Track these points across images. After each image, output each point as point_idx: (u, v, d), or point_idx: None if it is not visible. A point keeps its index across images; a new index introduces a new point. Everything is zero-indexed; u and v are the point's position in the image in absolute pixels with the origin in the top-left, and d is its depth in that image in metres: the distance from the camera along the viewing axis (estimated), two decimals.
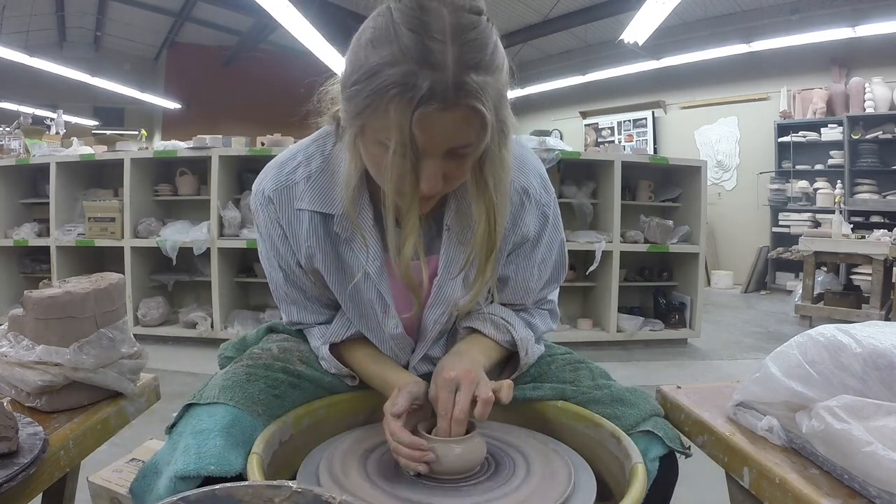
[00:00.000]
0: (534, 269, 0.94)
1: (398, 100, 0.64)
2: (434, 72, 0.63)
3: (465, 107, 0.65)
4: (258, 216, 0.89)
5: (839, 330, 0.75)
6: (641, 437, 0.83)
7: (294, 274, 0.91)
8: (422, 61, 0.63)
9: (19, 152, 3.94)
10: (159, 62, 10.14)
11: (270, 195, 0.86)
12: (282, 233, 0.87)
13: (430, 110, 0.64)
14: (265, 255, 0.93)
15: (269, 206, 0.86)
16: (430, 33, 0.63)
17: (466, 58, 0.64)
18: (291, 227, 0.86)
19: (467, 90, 0.64)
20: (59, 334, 0.87)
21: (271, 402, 0.84)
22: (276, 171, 0.87)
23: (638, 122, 7.96)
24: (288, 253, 0.89)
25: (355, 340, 0.95)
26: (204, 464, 0.73)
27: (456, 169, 0.72)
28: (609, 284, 3.62)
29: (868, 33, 5.21)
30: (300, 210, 0.85)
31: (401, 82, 0.63)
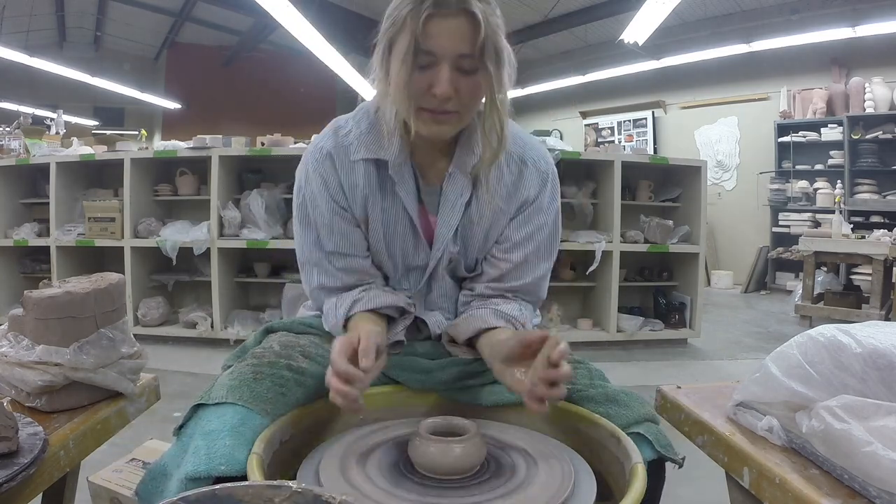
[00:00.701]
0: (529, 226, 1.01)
1: (411, 13, 0.82)
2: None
3: (465, 13, 0.81)
4: (307, 174, 0.99)
5: (839, 330, 0.75)
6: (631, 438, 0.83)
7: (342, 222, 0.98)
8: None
9: (19, 152, 3.94)
10: (159, 62, 10.15)
11: (331, 150, 0.97)
12: (338, 184, 0.97)
13: (435, 13, 0.81)
14: (304, 212, 1.00)
15: (328, 160, 0.97)
16: None
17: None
18: (349, 179, 0.97)
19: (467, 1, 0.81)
20: (59, 334, 0.87)
21: (278, 399, 0.84)
22: (333, 133, 0.99)
23: (638, 122, 7.96)
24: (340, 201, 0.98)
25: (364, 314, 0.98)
26: (214, 464, 0.73)
27: (466, 85, 0.85)
28: (609, 284, 3.62)
29: (868, 33, 5.21)
30: (356, 161, 0.96)
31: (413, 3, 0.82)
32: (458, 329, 0.98)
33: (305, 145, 3.52)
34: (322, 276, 1.01)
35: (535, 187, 1.01)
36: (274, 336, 1.03)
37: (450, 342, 1.00)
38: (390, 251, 1.00)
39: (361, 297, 0.98)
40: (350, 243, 0.99)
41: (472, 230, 0.99)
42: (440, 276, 1.03)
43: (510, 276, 1.01)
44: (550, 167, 1.04)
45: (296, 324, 1.06)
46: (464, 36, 0.82)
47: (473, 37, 0.82)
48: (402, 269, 1.02)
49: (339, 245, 0.99)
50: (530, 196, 1.01)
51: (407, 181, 0.97)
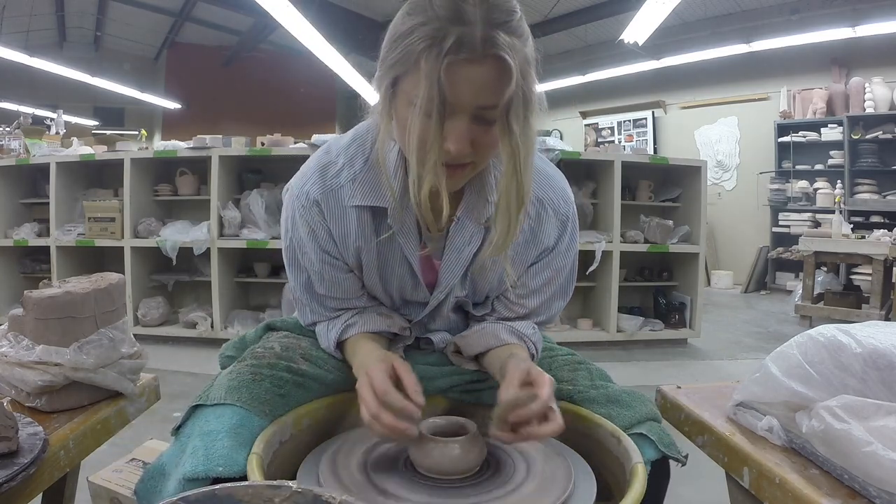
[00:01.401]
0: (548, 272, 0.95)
1: (428, 52, 0.67)
2: (463, 26, 0.67)
3: (492, 58, 0.68)
4: (294, 219, 0.90)
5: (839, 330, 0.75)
6: (634, 439, 0.83)
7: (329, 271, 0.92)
8: (452, 19, 0.67)
9: (19, 152, 3.94)
10: (159, 62, 10.14)
11: (317, 198, 0.87)
12: (327, 234, 0.89)
13: (459, 60, 0.67)
14: (293, 255, 0.93)
15: (314, 208, 0.87)
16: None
17: (494, 17, 0.68)
18: (340, 227, 0.88)
19: (495, 43, 0.67)
20: (59, 334, 0.87)
21: (277, 401, 0.84)
22: (318, 175, 0.88)
23: (638, 122, 7.96)
24: (331, 251, 0.90)
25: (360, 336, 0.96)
26: (212, 465, 0.73)
27: (483, 135, 0.73)
28: (609, 284, 3.62)
29: (868, 33, 5.20)
30: (350, 208, 0.87)
31: (431, 36, 0.67)
32: (467, 341, 0.96)
33: (305, 145, 3.53)
34: (315, 315, 0.98)
35: (555, 233, 0.93)
36: (275, 335, 1.02)
37: (455, 353, 0.99)
38: (386, 289, 0.95)
39: (355, 321, 0.95)
40: (342, 289, 0.94)
41: (485, 275, 0.93)
42: (444, 314, 0.98)
43: (526, 317, 0.99)
44: (570, 208, 0.94)
45: (298, 325, 1.05)
46: (488, 85, 0.69)
47: (499, 86, 0.69)
48: (399, 302, 0.98)
49: (330, 290, 0.94)
50: (549, 244, 0.93)
51: (408, 227, 0.87)
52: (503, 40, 0.67)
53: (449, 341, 1.00)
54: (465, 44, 0.67)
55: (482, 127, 0.72)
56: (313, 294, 0.96)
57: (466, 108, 0.70)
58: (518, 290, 0.96)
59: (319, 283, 0.94)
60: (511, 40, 0.68)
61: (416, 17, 0.69)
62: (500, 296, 0.98)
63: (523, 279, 0.95)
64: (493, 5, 0.68)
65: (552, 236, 0.93)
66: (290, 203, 0.91)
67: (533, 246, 0.92)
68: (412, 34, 0.69)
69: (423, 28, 0.68)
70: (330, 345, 0.96)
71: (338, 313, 0.97)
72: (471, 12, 0.67)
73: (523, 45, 0.71)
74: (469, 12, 0.67)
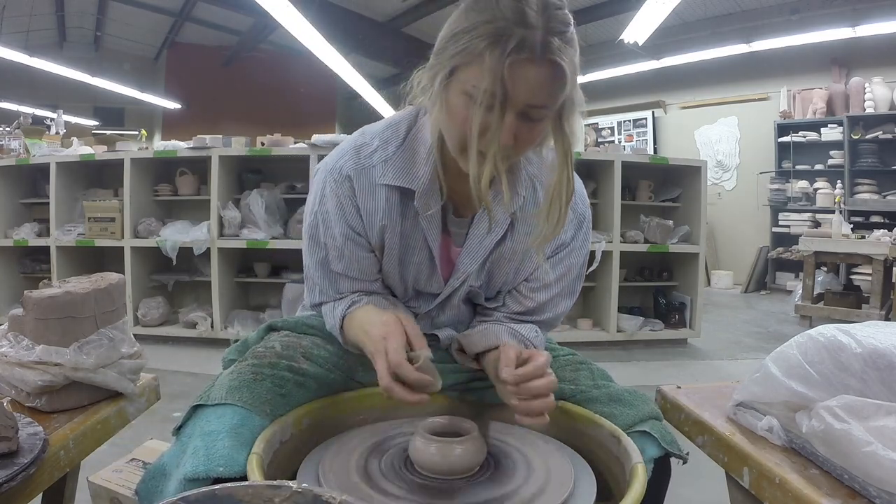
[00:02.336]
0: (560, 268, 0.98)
1: (492, 48, 0.72)
2: (526, 29, 0.72)
3: (549, 62, 0.73)
4: (323, 193, 0.92)
5: (839, 330, 0.75)
6: (637, 437, 0.83)
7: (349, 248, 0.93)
8: (516, 20, 0.72)
9: (19, 152, 3.94)
10: (159, 62, 10.14)
11: (350, 173, 0.90)
12: (355, 210, 0.91)
13: (521, 59, 0.72)
14: (315, 231, 0.94)
15: (346, 183, 0.90)
16: (527, 2, 0.73)
17: (553, 25, 0.73)
18: (369, 204, 0.91)
19: (552, 48, 0.73)
20: (59, 334, 0.87)
21: (278, 401, 0.84)
22: (354, 152, 0.92)
23: (638, 122, 7.96)
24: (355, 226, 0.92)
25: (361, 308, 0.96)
26: (213, 465, 0.73)
27: (527, 132, 0.78)
28: (609, 284, 3.62)
29: (868, 33, 5.21)
30: (380, 186, 0.90)
31: (496, 34, 0.72)
32: (470, 340, 0.97)
33: (305, 145, 3.53)
34: (324, 296, 0.98)
35: (572, 230, 0.97)
36: (276, 335, 1.02)
37: (458, 351, 0.99)
38: (402, 276, 0.97)
39: (361, 299, 0.95)
40: (360, 268, 0.95)
41: (502, 266, 0.96)
42: (454, 304, 1.00)
43: (533, 312, 1.00)
44: (587, 208, 0.99)
45: (299, 324, 1.04)
46: (542, 86, 0.74)
47: (552, 89, 0.75)
48: (411, 292, 0.99)
49: (347, 269, 0.94)
50: (567, 239, 0.97)
51: (433, 212, 0.90)
52: (559, 47, 0.73)
53: (453, 338, 1.00)
54: (527, 45, 0.71)
55: (526, 124, 0.77)
56: (328, 272, 0.95)
57: (518, 104, 0.75)
58: (532, 283, 0.98)
59: (338, 260, 0.94)
60: (566, 48, 0.74)
61: (480, 14, 0.74)
62: (511, 289, 1.00)
63: (537, 272, 0.98)
64: (553, 15, 0.74)
65: (569, 233, 0.96)
66: (322, 178, 0.93)
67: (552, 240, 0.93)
68: (475, 29, 0.73)
69: (487, 25, 0.72)
70: (336, 322, 0.95)
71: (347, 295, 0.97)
72: (533, 17, 0.72)
73: (574, 55, 0.76)
74: (532, 17, 0.72)
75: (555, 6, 0.75)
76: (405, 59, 2.85)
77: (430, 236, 0.92)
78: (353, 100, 10.17)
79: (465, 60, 0.75)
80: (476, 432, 0.77)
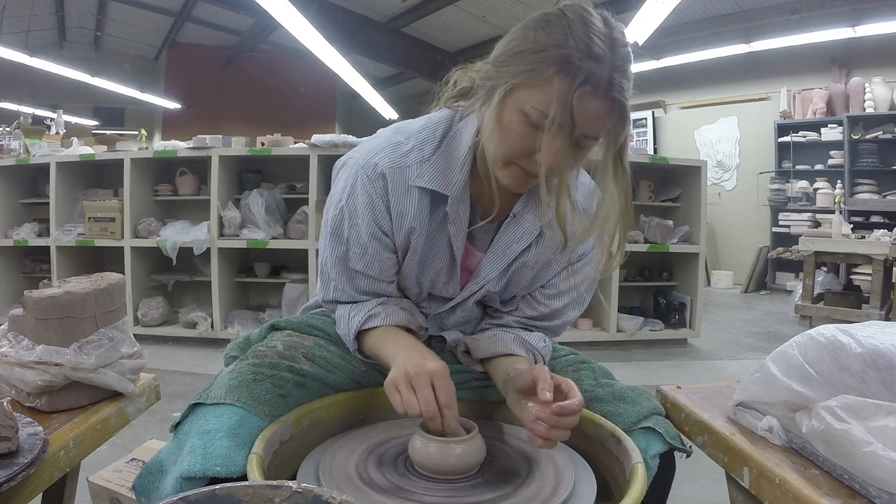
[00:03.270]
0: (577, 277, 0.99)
1: (562, 75, 0.73)
2: (595, 62, 0.73)
3: (612, 98, 0.75)
4: (354, 187, 0.90)
5: (839, 330, 0.75)
6: (642, 433, 0.84)
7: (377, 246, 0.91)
8: (587, 52, 0.73)
9: (19, 152, 3.94)
10: (159, 62, 10.14)
11: (385, 171, 0.88)
12: (385, 208, 0.89)
13: (587, 90, 0.73)
14: (339, 225, 0.92)
15: (380, 181, 0.88)
16: (594, 33, 0.74)
17: (618, 63, 0.75)
18: (401, 205, 0.89)
19: (616, 86, 0.74)
20: (59, 334, 0.87)
21: (277, 401, 0.84)
22: (390, 150, 0.89)
23: (638, 122, 7.96)
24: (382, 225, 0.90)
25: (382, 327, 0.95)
26: (210, 465, 0.73)
27: (573, 157, 0.79)
28: (609, 284, 3.62)
29: (868, 33, 5.21)
30: (413, 188, 0.88)
31: (567, 60, 0.73)
32: (478, 344, 0.97)
33: (305, 145, 3.53)
34: (338, 293, 0.97)
35: (591, 242, 0.96)
36: (279, 335, 1.02)
37: (464, 353, 1.00)
38: (419, 279, 0.96)
39: (378, 311, 0.94)
40: (380, 268, 0.93)
41: (523, 273, 0.96)
42: (468, 307, 1.00)
43: (544, 318, 1.01)
44: None
45: (302, 324, 1.03)
46: (600, 119, 0.76)
47: (609, 123, 0.77)
48: (425, 295, 0.99)
49: (367, 267, 0.93)
50: (586, 249, 0.97)
51: (461, 217, 0.90)
52: (621, 84, 0.75)
53: (460, 340, 1.00)
54: (594, 79, 0.73)
55: (574, 150, 0.78)
56: (346, 269, 0.94)
57: (576, 134, 0.76)
58: (547, 289, 0.99)
59: (359, 257, 0.92)
60: (626, 84, 0.76)
61: (550, 35, 0.75)
62: (526, 295, 1.00)
63: (555, 280, 0.98)
64: (619, 52, 0.75)
65: (589, 244, 0.96)
66: (354, 172, 0.90)
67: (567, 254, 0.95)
68: (544, 51, 0.74)
69: (558, 51, 0.74)
70: (350, 331, 0.94)
71: (363, 297, 0.96)
72: (601, 51, 0.74)
73: (629, 87, 0.78)
74: (600, 50, 0.74)
75: (621, 43, 0.76)
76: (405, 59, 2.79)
77: (455, 242, 0.91)
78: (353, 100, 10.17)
79: (530, 82, 0.75)
80: (476, 432, 0.77)
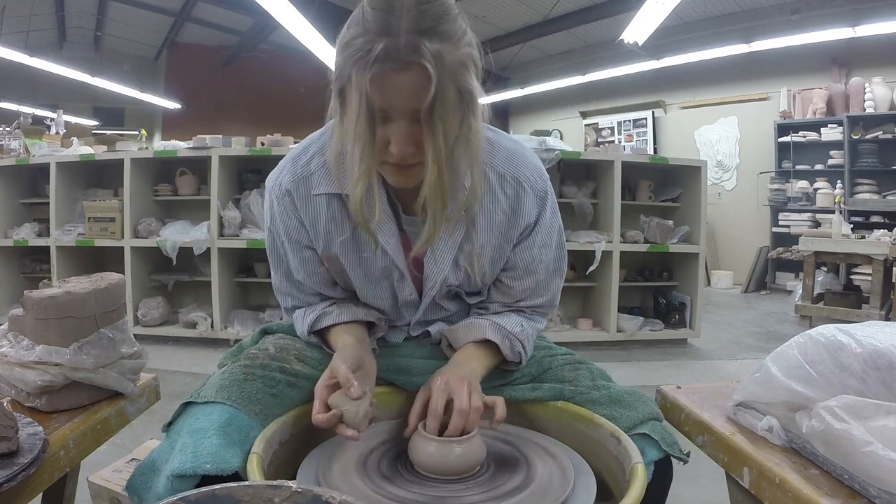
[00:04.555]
0: (534, 249, 0.96)
1: (357, 64, 0.71)
2: (389, 37, 0.70)
3: (417, 66, 0.70)
4: (272, 209, 0.94)
5: (839, 330, 0.75)
6: (637, 439, 0.83)
7: (307, 262, 0.95)
8: (379, 32, 0.70)
9: (19, 152, 3.94)
10: (159, 62, 10.14)
11: (289, 188, 0.90)
12: (299, 223, 0.92)
13: (385, 69, 0.70)
14: (273, 245, 0.98)
15: (287, 198, 0.91)
16: (392, 10, 0.71)
17: (419, 24, 0.70)
18: (310, 215, 0.91)
19: (418, 51, 0.69)
20: (59, 334, 0.87)
21: (268, 401, 0.84)
22: (291, 165, 0.92)
23: (638, 122, 7.96)
24: (304, 241, 0.93)
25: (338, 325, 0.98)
26: (200, 462, 0.73)
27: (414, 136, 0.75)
28: (609, 284, 3.62)
29: (868, 33, 5.21)
30: (318, 196, 0.89)
31: (361, 48, 0.71)
32: (455, 335, 0.98)
33: None
34: (295, 300, 1.02)
35: (535, 210, 0.94)
36: (270, 338, 1.03)
37: (448, 347, 1.00)
38: (377, 288, 0.96)
39: (331, 311, 0.97)
40: (320, 278, 0.97)
41: (475, 262, 0.93)
42: (440, 306, 1.00)
43: (525, 299, 1.00)
44: (547, 184, 0.96)
45: (293, 327, 1.05)
46: (417, 91, 0.71)
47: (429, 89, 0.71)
48: (391, 304, 0.99)
49: (308, 279, 0.97)
50: (531, 220, 0.94)
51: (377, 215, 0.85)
52: (427, 47, 0.69)
53: (442, 333, 1.01)
54: (391, 54, 0.69)
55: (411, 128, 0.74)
56: (293, 281, 0.99)
57: (403, 112, 0.73)
58: (509, 271, 0.98)
59: (297, 271, 0.97)
60: (439, 45, 0.70)
61: (352, 29, 0.73)
62: (494, 281, 0.99)
63: (512, 259, 0.97)
64: (421, 12, 0.71)
65: (532, 213, 0.94)
66: (267, 194, 0.95)
67: (515, 225, 0.93)
68: (348, 48, 0.73)
69: (356, 41, 0.72)
70: (304, 330, 0.99)
71: (316, 299, 1.00)
72: (396, 23, 0.70)
73: (455, 48, 0.72)
74: (394, 23, 0.70)
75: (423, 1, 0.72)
76: None
77: (385, 242, 0.90)
78: None
79: (343, 83, 0.75)
80: (476, 432, 0.77)
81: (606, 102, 8.33)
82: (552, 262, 1.00)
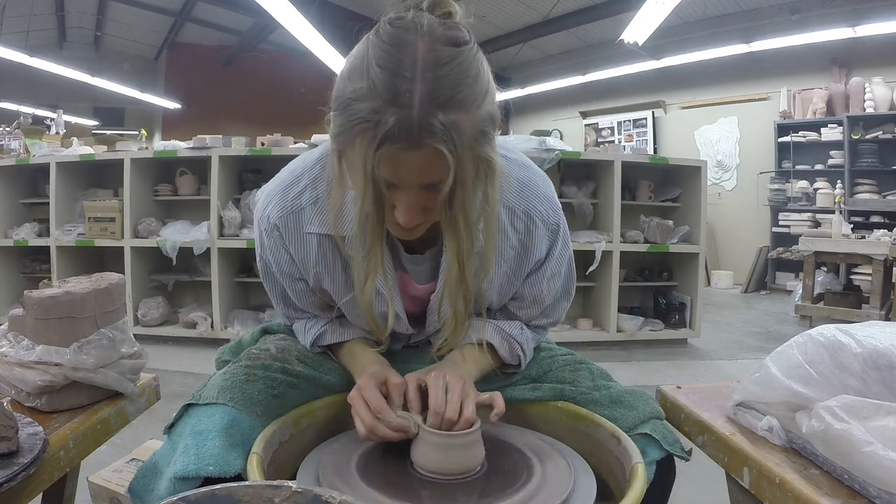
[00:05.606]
0: (543, 283, 0.95)
1: (363, 136, 0.64)
2: (400, 110, 0.62)
3: (429, 147, 0.63)
4: (262, 241, 0.91)
5: (839, 330, 0.75)
6: (639, 439, 0.83)
7: (300, 293, 0.94)
8: (389, 99, 0.63)
9: (19, 152, 3.94)
10: (159, 62, 10.14)
11: (276, 222, 0.86)
12: (289, 258, 0.89)
13: (395, 149, 0.63)
14: (265, 274, 0.96)
15: (275, 232, 0.87)
16: (400, 70, 0.63)
17: (435, 95, 0.63)
18: (300, 252, 0.87)
19: (432, 130, 0.63)
20: (59, 334, 0.87)
21: (270, 402, 0.84)
22: (280, 196, 0.86)
23: (638, 122, 7.96)
24: (295, 274, 0.91)
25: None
26: (203, 464, 0.73)
27: (434, 200, 0.70)
28: (609, 284, 3.62)
29: (868, 33, 5.21)
30: (309, 234, 0.85)
31: (367, 118, 0.63)
32: None
33: (306, 145, 3.53)
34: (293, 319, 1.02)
35: (546, 244, 0.90)
36: (271, 338, 1.03)
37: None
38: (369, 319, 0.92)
39: (333, 329, 0.97)
40: (314, 303, 0.96)
41: (482, 297, 0.89)
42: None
43: (531, 321, 1.00)
44: (559, 216, 0.91)
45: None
46: (429, 168, 0.65)
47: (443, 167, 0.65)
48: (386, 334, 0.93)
49: (302, 303, 0.96)
50: (542, 255, 0.91)
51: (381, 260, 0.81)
52: (441, 125, 0.62)
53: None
54: (402, 132, 0.62)
55: (433, 193, 0.69)
56: (289, 302, 0.98)
57: (412, 184, 0.68)
58: (517, 301, 0.97)
59: (294, 295, 0.96)
60: (455, 118, 0.63)
61: (354, 83, 0.65)
62: (503, 307, 0.98)
63: (520, 292, 0.95)
64: (437, 79, 0.63)
65: (543, 248, 0.90)
66: (256, 224, 0.91)
67: (525, 260, 0.90)
68: (350, 109, 0.65)
69: (360, 106, 0.64)
70: (306, 343, 0.98)
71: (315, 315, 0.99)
72: (407, 90, 0.62)
73: (474, 116, 0.65)
74: (406, 92, 0.62)
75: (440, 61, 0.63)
76: None
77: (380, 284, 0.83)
78: None
79: (345, 143, 0.67)
80: (476, 432, 0.77)
81: (606, 102, 8.32)
82: (561, 289, 1.00)
